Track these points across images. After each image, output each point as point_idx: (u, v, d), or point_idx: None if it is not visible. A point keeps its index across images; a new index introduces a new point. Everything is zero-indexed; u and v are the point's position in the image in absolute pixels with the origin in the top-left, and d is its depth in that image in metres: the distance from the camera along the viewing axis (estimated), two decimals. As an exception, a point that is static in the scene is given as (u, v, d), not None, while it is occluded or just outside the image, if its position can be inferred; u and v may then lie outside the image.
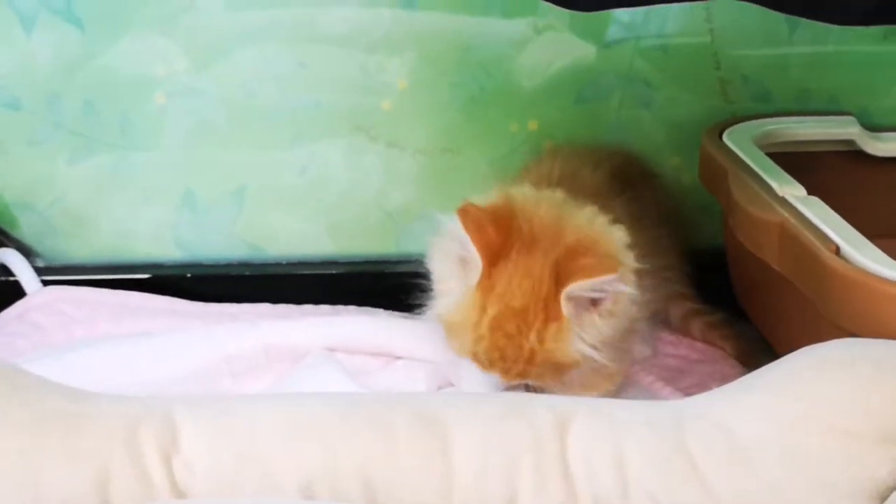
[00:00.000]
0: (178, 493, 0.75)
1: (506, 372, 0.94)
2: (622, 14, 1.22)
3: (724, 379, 0.96)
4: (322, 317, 1.14)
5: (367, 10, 1.20)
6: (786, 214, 0.95)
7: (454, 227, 0.94)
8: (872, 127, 1.23)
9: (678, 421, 0.78)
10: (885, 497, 0.74)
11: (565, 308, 0.91)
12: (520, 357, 0.93)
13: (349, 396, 0.84)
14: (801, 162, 1.13)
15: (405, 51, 1.22)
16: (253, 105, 1.24)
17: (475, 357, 0.95)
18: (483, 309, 0.93)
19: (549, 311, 0.92)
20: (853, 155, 1.22)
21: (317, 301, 1.24)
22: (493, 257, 0.93)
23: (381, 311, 1.19)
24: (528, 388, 0.96)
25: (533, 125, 1.26)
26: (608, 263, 0.91)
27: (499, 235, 0.93)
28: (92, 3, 1.19)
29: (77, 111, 1.23)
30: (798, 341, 0.84)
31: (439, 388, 1.04)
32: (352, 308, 1.21)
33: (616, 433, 0.78)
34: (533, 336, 0.92)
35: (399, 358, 1.08)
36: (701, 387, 1.04)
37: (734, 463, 0.75)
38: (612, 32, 1.22)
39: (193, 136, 1.25)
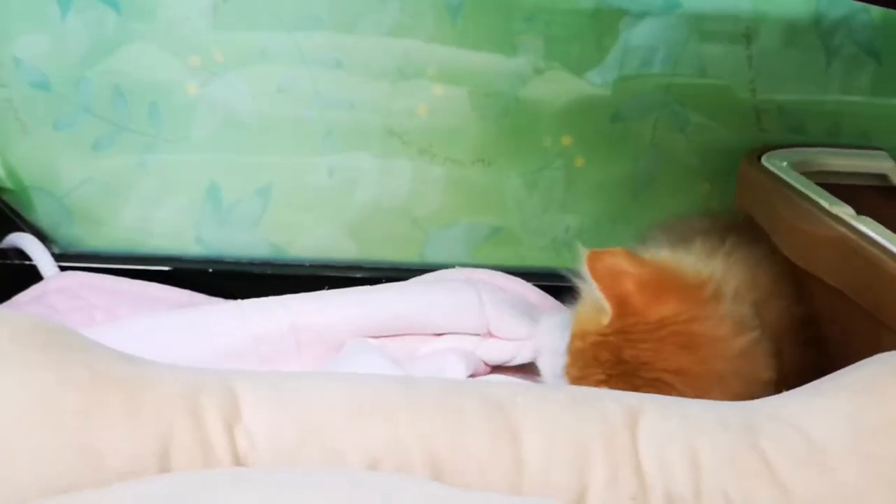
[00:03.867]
0: (239, 463, 0.72)
1: None
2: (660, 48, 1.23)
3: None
4: (353, 295, 1.10)
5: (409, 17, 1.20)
6: (843, 230, 0.95)
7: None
8: (901, 165, 1.25)
9: (751, 421, 0.77)
10: (961, 506, 0.72)
11: None
12: None
13: (413, 378, 0.81)
14: (834, 192, 1.13)
15: (444, 57, 1.21)
16: (285, 101, 1.22)
17: None
18: None
19: None
20: (886, 190, 1.22)
21: (338, 304, 1.21)
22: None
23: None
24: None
25: (567, 140, 1.25)
26: None
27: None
28: (132, -14, 1.17)
29: (106, 96, 1.20)
30: (855, 354, 0.83)
31: (472, 375, 1.02)
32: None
33: (688, 430, 0.76)
34: None
35: (438, 335, 1.06)
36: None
37: (810, 464, 0.73)
38: (656, 62, 1.23)
39: (222, 130, 1.23)
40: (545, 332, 1.04)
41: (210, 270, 1.24)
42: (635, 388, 0.86)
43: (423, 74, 1.22)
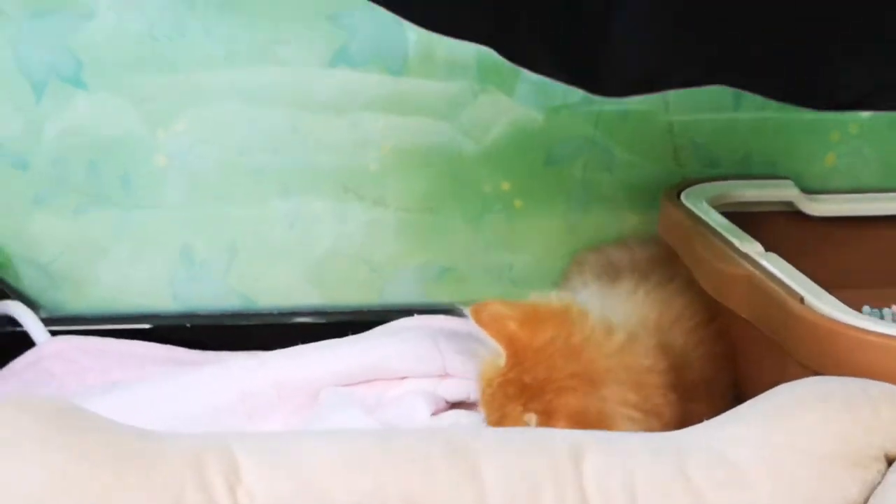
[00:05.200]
0: (245, 520, 0.83)
1: None
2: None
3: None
4: (326, 349, 1.22)
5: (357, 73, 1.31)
6: (751, 269, 1.07)
7: None
8: (805, 190, 1.37)
9: (679, 449, 0.89)
10: (857, 512, 0.85)
11: None
12: None
13: (387, 431, 0.93)
14: (747, 221, 1.24)
15: (390, 114, 1.33)
16: (247, 166, 1.33)
17: None
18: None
19: None
20: (791, 215, 1.35)
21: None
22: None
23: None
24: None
25: (505, 185, 1.37)
26: None
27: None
28: (99, 70, 1.27)
29: (81, 171, 1.31)
30: (764, 378, 0.96)
31: (435, 413, 1.15)
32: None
33: (625, 461, 0.88)
34: None
35: (402, 378, 1.19)
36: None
37: (730, 486, 0.85)
38: (582, 101, 1.35)
39: (190, 193, 1.34)
40: None
41: (188, 325, 1.35)
42: (549, 402, 1.00)
43: (373, 133, 1.33)
